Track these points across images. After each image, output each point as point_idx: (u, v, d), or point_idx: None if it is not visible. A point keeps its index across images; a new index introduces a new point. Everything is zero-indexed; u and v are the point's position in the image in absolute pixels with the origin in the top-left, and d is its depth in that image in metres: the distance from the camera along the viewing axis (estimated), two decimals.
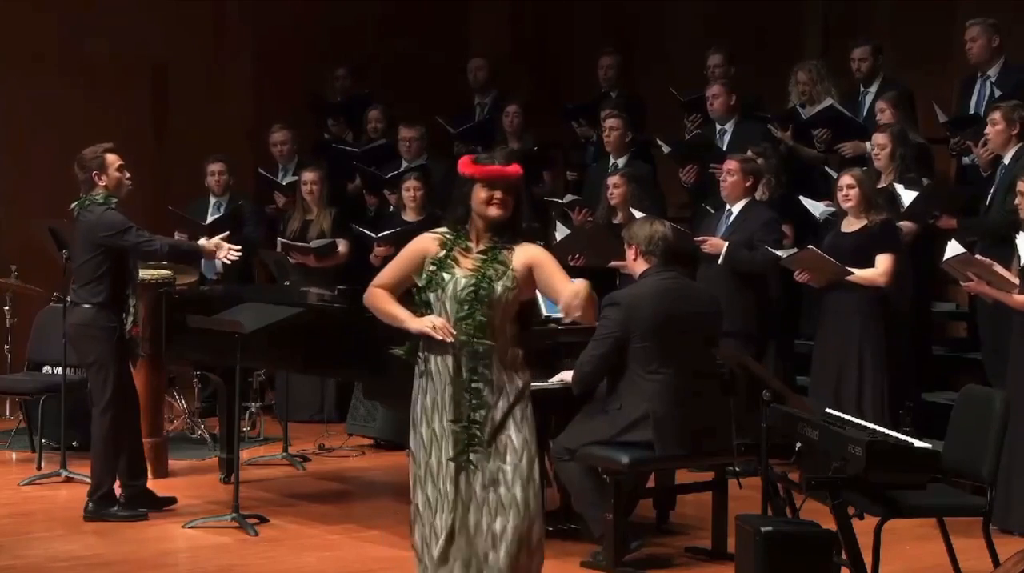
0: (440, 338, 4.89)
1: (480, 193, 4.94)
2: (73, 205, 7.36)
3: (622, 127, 9.74)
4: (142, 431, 7.67)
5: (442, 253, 4.97)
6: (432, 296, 4.96)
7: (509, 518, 4.90)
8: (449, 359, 4.94)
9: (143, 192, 7.68)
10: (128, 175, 7.39)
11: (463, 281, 4.92)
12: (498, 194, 4.92)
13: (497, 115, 10.98)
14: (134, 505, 7.38)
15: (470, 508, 4.93)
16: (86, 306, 7.26)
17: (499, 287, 4.89)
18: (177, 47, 11.83)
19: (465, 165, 5.00)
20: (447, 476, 4.95)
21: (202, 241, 7.55)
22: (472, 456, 4.91)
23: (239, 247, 7.52)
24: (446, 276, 4.94)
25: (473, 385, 4.90)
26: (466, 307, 4.89)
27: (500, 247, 4.94)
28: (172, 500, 7.55)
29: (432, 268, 4.98)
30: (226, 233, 7.70)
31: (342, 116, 11.56)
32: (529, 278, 4.95)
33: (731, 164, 8.45)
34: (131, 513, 7.34)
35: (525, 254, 4.95)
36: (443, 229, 5.04)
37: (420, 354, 5.03)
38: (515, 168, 4.97)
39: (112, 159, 7.33)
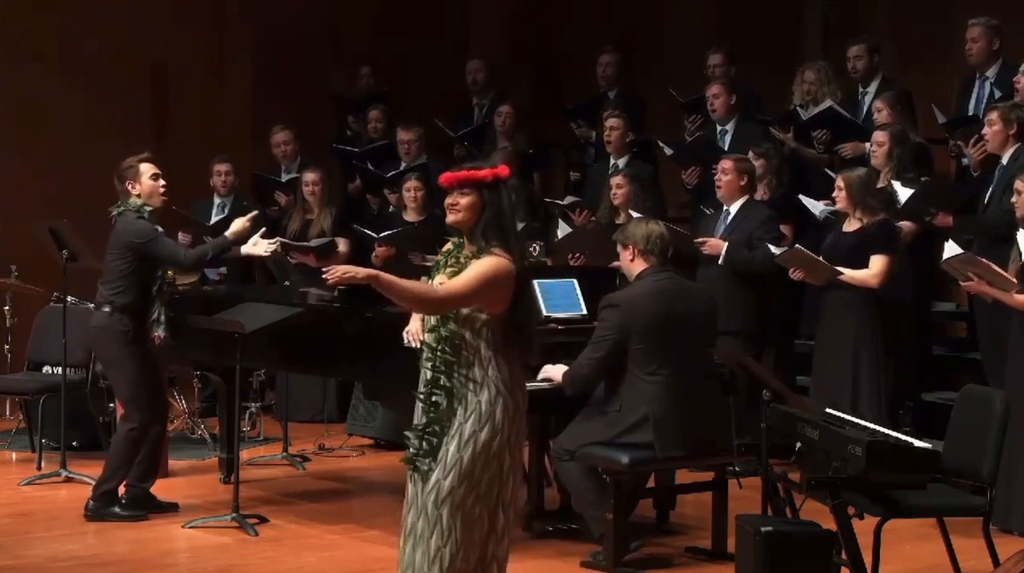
0: (406, 343, 4.86)
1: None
2: (111, 209, 7.39)
3: (623, 127, 9.75)
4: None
5: (440, 259, 4.94)
6: None
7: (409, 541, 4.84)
8: (425, 370, 4.89)
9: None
10: (163, 183, 7.41)
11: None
12: (449, 200, 4.84)
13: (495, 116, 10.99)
14: (135, 506, 7.38)
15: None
16: (105, 309, 7.30)
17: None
18: (177, 47, 11.84)
19: None
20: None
21: (245, 248, 7.56)
22: (419, 463, 4.80)
23: (275, 240, 7.73)
24: (430, 281, 4.90)
25: (433, 398, 4.80)
26: (434, 319, 4.81)
27: (473, 257, 4.81)
28: (174, 506, 7.53)
29: (430, 273, 4.96)
30: (263, 229, 7.77)
31: (361, 114, 11.59)
32: (489, 291, 4.78)
33: (726, 163, 8.47)
34: (132, 513, 7.34)
35: (477, 261, 4.78)
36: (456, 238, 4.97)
37: None
38: (465, 172, 4.82)
39: (146, 168, 7.38)
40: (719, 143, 9.52)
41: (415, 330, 4.90)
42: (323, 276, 4.80)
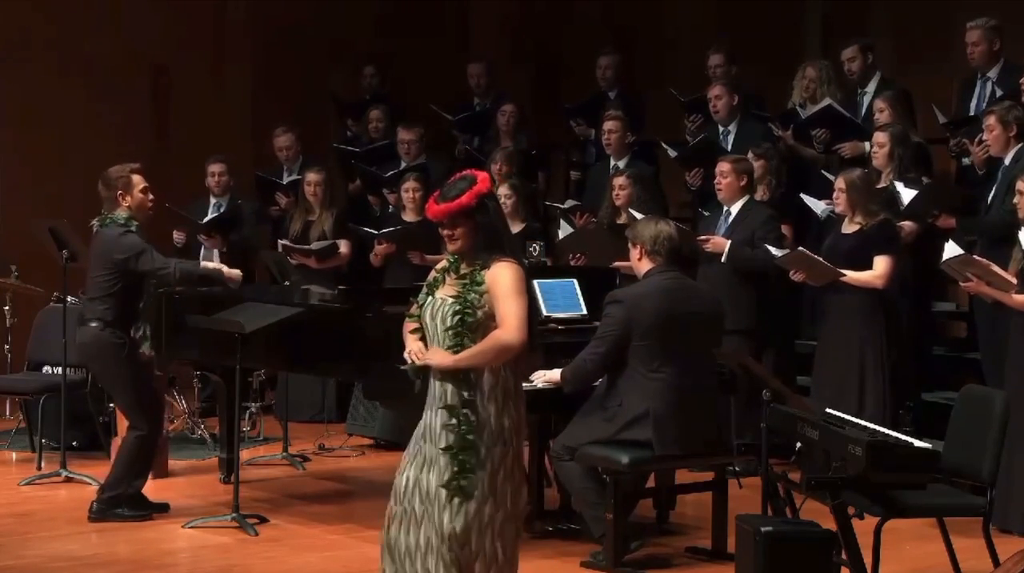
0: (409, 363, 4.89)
1: None
2: (94, 222, 7.36)
3: (620, 129, 9.75)
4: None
5: (436, 276, 4.95)
6: (422, 316, 4.95)
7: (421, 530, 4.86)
8: (436, 385, 4.88)
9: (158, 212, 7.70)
10: (151, 197, 7.37)
11: (440, 301, 4.87)
12: (445, 231, 4.89)
13: (496, 111, 10.99)
14: (136, 507, 7.36)
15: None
16: (93, 325, 7.25)
17: (480, 314, 4.81)
18: (177, 47, 11.84)
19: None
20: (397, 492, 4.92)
21: (226, 271, 7.53)
22: (463, 482, 4.81)
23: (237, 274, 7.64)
24: (429, 298, 4.92)
25: (463, 411, 4.81)
26: (451, 334, 4.82)
27: (479, 269, 4.86)
28: (165, 507, 7.51)
29: (425, 291, 4.97)
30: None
31: (361, 117, 11.60)
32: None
33: (724, 166, 8.47)
34: (136, 514, 7.33)
35: (491, 275, 4.84)
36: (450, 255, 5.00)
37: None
38: (452, 205, 4.84)
39: (138, 180, 7.32)
40: (722, 143, 9.52)
41: (417, 349, 4.90)
42: (406, 356, 4.91)
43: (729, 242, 8.33)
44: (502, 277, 4.80)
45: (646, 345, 6.37)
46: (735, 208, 8.46)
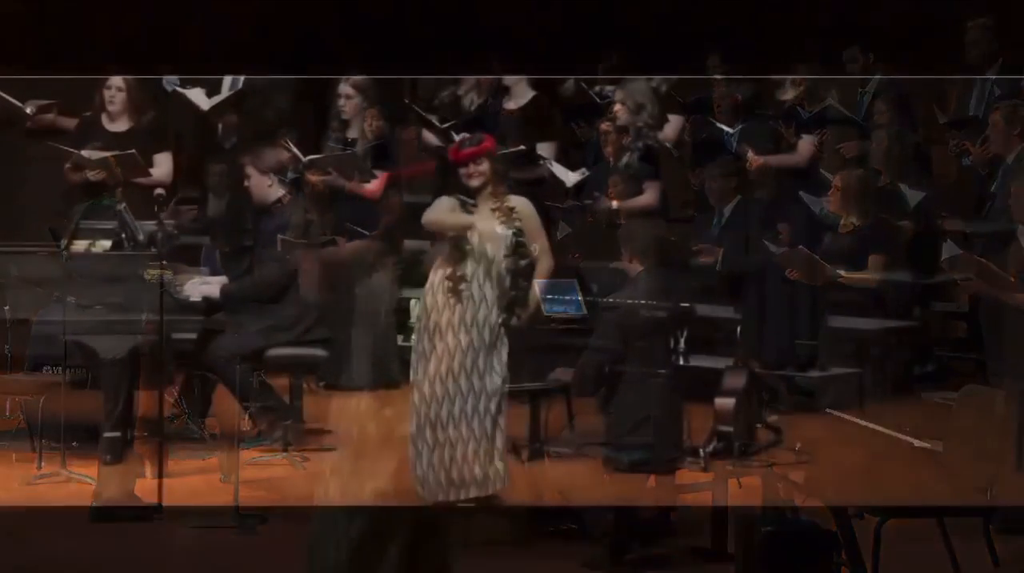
0: None
1: None
2: (75, 209, 7.36)
3: (616, 132, 9.74)
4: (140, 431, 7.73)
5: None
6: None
7: None
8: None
9: (144, 192, 7.69)
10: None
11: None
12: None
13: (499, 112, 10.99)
14: (132, 506, 7.36)
15: None
16: (99, 306, 7.25)
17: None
18: (178, 47, 11.85)
19: None
20: None
21: None
22: None
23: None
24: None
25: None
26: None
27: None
28: (157, 508, 7.50)
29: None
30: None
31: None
32: None
33: (711, 171, 8.49)
34: (136, 514, 7.32)
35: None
36: None
37: None
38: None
39: (113, 161, 7.34)
40: (726, 144, 9.53)
41: None
42: None
43: (722, 250, 8.32)
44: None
45: (642, 349, 6.37)
46: (728, 209, 8.47)
